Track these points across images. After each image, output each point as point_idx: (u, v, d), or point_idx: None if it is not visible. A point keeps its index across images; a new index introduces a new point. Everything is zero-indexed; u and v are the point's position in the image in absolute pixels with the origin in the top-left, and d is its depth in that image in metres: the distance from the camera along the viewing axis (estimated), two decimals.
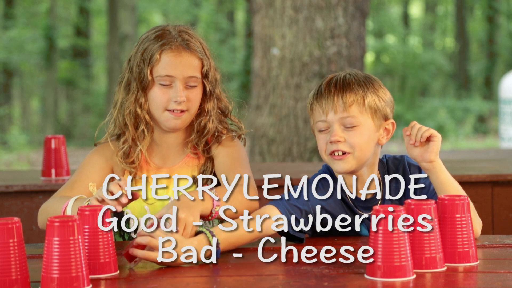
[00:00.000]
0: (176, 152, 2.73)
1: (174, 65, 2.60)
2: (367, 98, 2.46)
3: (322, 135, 2.49)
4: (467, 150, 12.12)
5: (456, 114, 18.16)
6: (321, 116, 2.48)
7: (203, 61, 2.64)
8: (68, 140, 8.34)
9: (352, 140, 2.45)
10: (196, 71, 2.63)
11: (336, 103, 2.45)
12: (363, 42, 6.59)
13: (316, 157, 6.37)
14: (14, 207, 3.64)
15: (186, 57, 2.61)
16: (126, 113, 2.65)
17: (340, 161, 2.47)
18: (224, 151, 2.70)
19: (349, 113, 2.44)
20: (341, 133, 2.45)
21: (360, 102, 2.46)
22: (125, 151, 2.67)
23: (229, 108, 2.75)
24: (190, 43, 2.64)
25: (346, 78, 2.49)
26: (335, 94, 2.46)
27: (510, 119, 12.27)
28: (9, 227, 1.90)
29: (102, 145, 2.73)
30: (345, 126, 2.45)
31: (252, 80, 6.76)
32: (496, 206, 3.66)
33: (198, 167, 2.71)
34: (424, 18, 25.58)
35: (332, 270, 2.07)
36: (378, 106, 2.48)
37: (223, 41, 20.15)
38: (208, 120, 2.68)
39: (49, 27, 18.04)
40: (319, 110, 2.48)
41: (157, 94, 2.61)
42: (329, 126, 2.47)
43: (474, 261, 2.11)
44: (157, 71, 2.61)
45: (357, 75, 2.52)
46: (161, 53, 2.60)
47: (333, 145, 2.45)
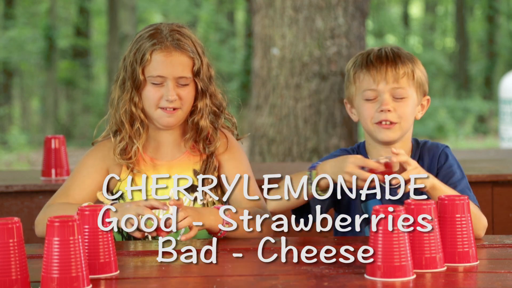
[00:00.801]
0: (175, 147, 2.75)
1: (164, 65, 2.64)
2: (415, 72, 2.56)
3: (370, 104, 2.56)
4: (467, 150, 12.12)
5: (456, 114, 18.16)
6: (371, 85, 2.54)
7: (194, 60, 2.67)
8: (68, 140, 8.32)
9: (400, 110, 2.53)
10: (187, 71, 2.66)
11: (389, 73, 2.53)
12: (363, 42, 6.58)
13: (316, 157, 6.36)
14: (14, 207, 3.64)
15: (176, 56, 2.65)
16: (122, 112, 2.69)
17: (387, 130, 2.55)
18: (229, 156, 2.75)
19: (400, 84, 2.53)
20: (392, 103, 2.52)
21: (410, 75, 2.54)
22: (122, 148, 2.69)
23: (223, 104, 2.78)
24: (180, 42, 2.67)
25: (395, 51, 2.57)
26: (388, 65, 2.54)
27: (510, 119, 12.27)
28: (9, 227, 1.90)
29: (98, 145, 2.76)
30: (395, 96, 2.53)
31: (252, 80, 6.76)
32: (496, 206, 3.66)
33: (200, 163, 2.73)
34: (424, 18, 25.58)
35: (332, 270, 2.07)
36: (423, 81, 2.58)
37: (223, 41, 20.15)
38: (201, 118, 2.71)
39: (49, 27, 18.04)
40: (369, 79, 2.54)
41: (150, 93, 2.66)
42: (377, 96, 2.54)
43: (474, 261, 2.11)
44: (148, 71, 2.65)
45: (402, 49, 2.61)
46: (152, 53, 2.65)
47: (382, 114, 2.52)
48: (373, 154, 2.62)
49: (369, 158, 2.59)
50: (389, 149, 2.54)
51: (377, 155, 2.56)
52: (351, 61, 2.63)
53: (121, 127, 2.70)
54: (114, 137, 2.72)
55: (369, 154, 2.63)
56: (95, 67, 20.95)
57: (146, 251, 2.34)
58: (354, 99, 2.60)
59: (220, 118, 2.77)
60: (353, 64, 2.60)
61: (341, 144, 6.40)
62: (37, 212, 3.53)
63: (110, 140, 2.73)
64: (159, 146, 2.75)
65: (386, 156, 2.34)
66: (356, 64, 2.59)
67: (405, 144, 2.63)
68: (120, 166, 2.70)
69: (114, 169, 2.70)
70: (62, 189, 2.69)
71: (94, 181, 2.67)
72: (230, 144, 2.77)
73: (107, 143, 2.74)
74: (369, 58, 2.57)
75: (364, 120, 2.57)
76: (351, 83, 2.59)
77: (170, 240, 2.13)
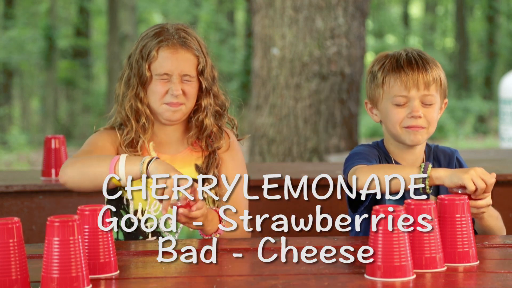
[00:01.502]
0: (178, 144, 2.79)
1: (170, 62, 2.68)
2: (442, 77, 2.64)
3: (399, 109, 2.60)
4: (467, 150, 12.10)
5: (456, 114, 18.16)
6: (402, 91, 2.59)
7: (199, 58, 2.72)
8: (68, 140, 8.31)
9: (429, 116, 2.60)
10: (192, 69, 2.70)
11: (420, 80, 2.58)
12: (363, 42, 6.59)
13: (316, 157, 6.37)
14: (14, 207, 3.64)
15: (182, 54, 2.69)
16: (127, 108, 2.72)
17: (416, 133, 2.62)
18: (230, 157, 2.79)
19: (430, 91, 2.60)
20: (421, 109, 2.59)
21: (438, 82, 2.62)
22: (129, 141, 2.72)
23: (226, 105, 2.82)
24: (186, 40, 2.71)
25: (422, 56, 2.63)
26: (418, 72, 2.59)
27: (510, 119, 12.26)
28: (9, 227, 1.90)
29: (104, 130, 2.78)
30: (424, 103, 2.60)
31: (252, 80, 6.76)
32: (496, 206, 3.66)
33: (202, 158, 2.77)
34: (424, 18, 25.58)
35: (332, 270, 2.07)
36: (446, 85, 2.66)
37: (223, 41, 20.15)
38: (205, 117, 2.76)
39: (49, 27, 18.04)
40: (400, 84, 2.59)
41: (156, 87, 2.69)
42: (407, 101, 2.59)
43: (474, 261, 2.11)
44: (154, 68, 2.69)
45: (426, 53, 2.66)
46: (158, 50, 2.69)
47: (412, 120, 2.59)
48: (394, 154, 2.66)
49: (391, 156, 2.67)
50: (412, 150, 2.65)
51: (399, 155, 2.66)
52: (377, 63, 2.64)
53: (127, 122, 2.73)
54: (119, 130, 2.74)
55: (390, 153, 2.69)
56: (95, 67, 20.95)
57: (146, 251, 2.34)
58: (380, 102, 2.63)
59: (224, 118, 2.82)
60: (381, 67, 2.62)
61: (341, 144, 6.41)
62: (37, 212, 3.54)
63: (114, 130, 2.76)
64: (163, 142, 2.78)
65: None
66: (384, 67, 2.62)
67: (422, 146, 2.72)
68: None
69: None
70: (82, 152, 2.64)
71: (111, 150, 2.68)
72: (232, 144, 2.82)
73: (112, 132, 2.75)
74: (399, 63, 2.61)
75: (392, 124, 2.62)
76: (378, 86, 2.62)
77: (170, 240, 2.13)
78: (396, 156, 2.66)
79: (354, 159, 2.62)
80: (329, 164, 4.90)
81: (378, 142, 2.73)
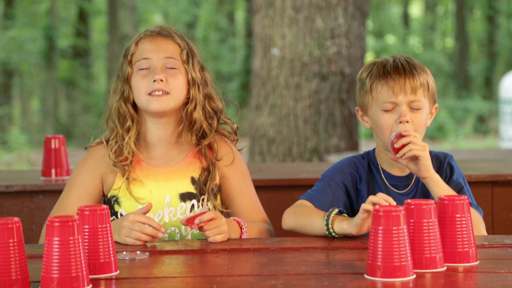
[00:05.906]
0: (168, 146, 2.70)
1: (149, 48, 2.65)
2: (429, 82, 2.61)
3: (388, 114, 2.59)
4: (467, 150, 12.10)
5: (456, 114, 18.16)
6: (390, 97, 2.58)
7: (181, 46, 2.67)
8: (68, 140, 8.32)
9: (416, 121, 2.58)
10: (174, 53, 2.66)
11: (407, 85, 2.57)
12: (363, 42, 6.59)
13: (316, 157, 6.37)
14: (14, 207, 3.64)
15: (161, 40, 2.67)
16: (113, 111, 2.68)
17: None
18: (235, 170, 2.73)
19: (417, 96, 2.58)
20: (409, 113, 2.58)
21: (425, 86, 2.59)
22: (116, 149, 2.65)
23: (220, 108, 2.74)
24: (168, 31, 2.69)
25: (409, 62, 2.62)
26: (405, 77, 2.58)
27: (510, 119, 12.26)
28: (9, 227, 1.90)
29: (90, 151, 2.72)
30: (412, 108, 2.58)
31: (252, 80, 6.77)
32: (496, 206, 3.66)
33: (199, 170, 2.68)
34: (424, 18, 25.59)
35: (332, 270, 2.07)
36: (434, 90, 2.64)
37: (223, 41, 20.16)
38: (194, 109, 2.67)
39: (49, 27, 18.04)
40: (387, 90, 2.58)
41: (137, 79, 2.64)
42: (395, 107, 2.58)
43: (474, 261, 2.11)
44: (135, 58, 2.66)
45: (414, 59, 2.65)
46: (137, 43, 2.68)
47: (401, 125, 2.56)
48: (384, 161, 2.64)
49: (379, 165, 2.64)
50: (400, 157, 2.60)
51: (389, 162, 2.61)
52: (365, 70, 2.64)
53: (114, 128, 2.68)
54: (107, 142, 2.69)
55: (380, 162, 2.65)
56: (95, 67, 20.96)
57: (146, 251, 2.34)
58: (370, 109, 2.62)
59: (218, 121, 2.73)
60: (369, 74, 2.61)
61: (341, 144, 6.41)
62: (37, 212, 3.54)
63: (103, 145, 2.69)
64: (150, 146, 2.69)
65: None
66: (372, 74, 2.61)
67: None
68: (114, 173, 2.64)
69: (108, 176, 2.66)
70: (59, 203, 2.65)
71: (90, 189, 2.65)
72: (236, 159, 2.73)
73: (99, 149, 2.69)
74: (386, 69, 2.60)
75: (381, 131, 2.59)
76: (367, 92, 2.61)
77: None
78: (386, 164, 2.63)
79: (314, 187, 2.61)
80: (329, 164, 4.90)
81: (370, 151, 2.71)
